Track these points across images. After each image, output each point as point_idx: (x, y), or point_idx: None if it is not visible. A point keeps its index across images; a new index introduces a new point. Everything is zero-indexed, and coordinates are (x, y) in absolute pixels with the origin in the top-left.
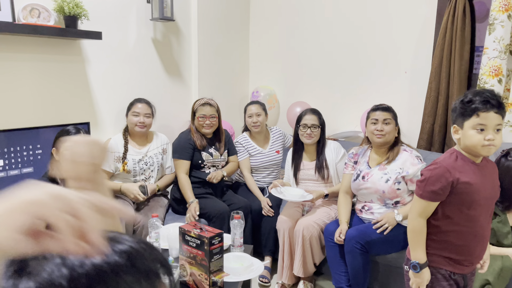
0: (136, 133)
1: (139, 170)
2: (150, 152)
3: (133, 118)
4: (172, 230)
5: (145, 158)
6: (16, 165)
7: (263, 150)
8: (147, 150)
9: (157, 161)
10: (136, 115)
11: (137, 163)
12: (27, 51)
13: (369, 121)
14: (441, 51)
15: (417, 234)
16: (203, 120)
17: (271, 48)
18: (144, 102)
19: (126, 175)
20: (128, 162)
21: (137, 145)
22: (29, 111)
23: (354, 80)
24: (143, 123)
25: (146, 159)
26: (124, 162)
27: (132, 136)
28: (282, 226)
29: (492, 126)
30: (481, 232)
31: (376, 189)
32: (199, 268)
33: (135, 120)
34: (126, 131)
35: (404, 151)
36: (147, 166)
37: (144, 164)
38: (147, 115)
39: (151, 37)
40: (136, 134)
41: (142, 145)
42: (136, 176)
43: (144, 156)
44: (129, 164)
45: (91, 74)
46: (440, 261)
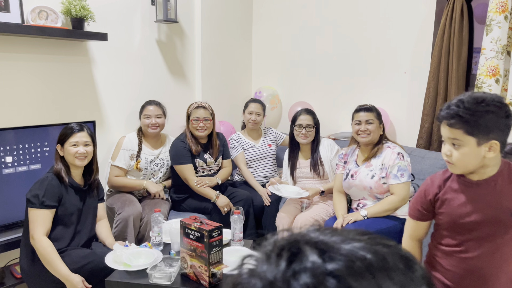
0: (150, 134)
1: (150, 170)
2: (162, 155)
3: (145, 120)
4: (174, 225)
5: (156, 160)
6: (24, 162)
7: (255, 144)
8: (160, 152)
9: (167, 163)
10: (148, 117)
11: (149, 163)
12: (36, 52)
13: (353, 121)
14: (439, 52)
15: None
16: (196, 123)
17: (273, 49)
18: (155, 104)
19: (137, 173)
20: (141, 161)
21: (150, 146)
22: (37, 110)
23: (355, 80)
24: (155, 124)
25: (158, 161)
26: (138, 160)
27: (146, 137)
28: (281, 222)
29: (445, 138)
30: (479, 266)
31: (364, 186)
32: (199, 260)
33: (147, 122)
34: (140, 131)
35: (388, 148)
36: (157, 167)
37: (155, 165)
38: (159, 115)
39: (155, 38)
40: (150, 135)
41: (155, 147)
42: (146, 175)
43: (156, 157)
44: (142, 163)
45: (97, 75)
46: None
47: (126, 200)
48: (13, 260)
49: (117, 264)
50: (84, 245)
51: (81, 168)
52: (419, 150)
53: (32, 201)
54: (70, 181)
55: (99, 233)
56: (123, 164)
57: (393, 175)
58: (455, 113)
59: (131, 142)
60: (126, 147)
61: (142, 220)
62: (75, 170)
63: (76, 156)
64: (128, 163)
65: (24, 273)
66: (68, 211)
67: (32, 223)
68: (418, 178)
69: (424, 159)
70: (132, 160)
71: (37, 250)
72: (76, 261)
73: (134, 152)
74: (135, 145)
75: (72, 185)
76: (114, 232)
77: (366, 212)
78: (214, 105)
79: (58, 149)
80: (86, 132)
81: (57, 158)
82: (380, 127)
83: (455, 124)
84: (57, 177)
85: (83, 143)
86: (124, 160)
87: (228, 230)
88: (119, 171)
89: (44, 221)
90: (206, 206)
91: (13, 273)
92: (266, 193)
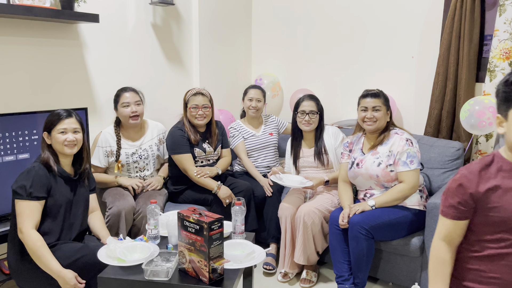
0: (130, 125)
1: (132, 163)
2: (144, 145)
3: (124, 110)
4: (171, 217)
5: (139, 151)
6: (11, 151)
7: (256, 133)
8: (141, 143)
9: (152, 154)
10: (126, 105)
11: (130, 156)
12: (23, 34)
13: (359, 108)
14: (449, 34)
15: (435, 262)
16: (195, 110)
17: (274, 34)
18: (131, 90)
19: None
20: (121, 156)
21: (130, 139)
22: (25, 96)
23: (359, 66)
24: (135, 113)
25: (140, 152)
26: (118, 160)
27: (125, 129)
28: (283, 213)
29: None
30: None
31: (370, 175)
32: (199, 254)
33: (127, 112)
34: (118, 125)
35: (395, 134)
36: (141, 159)
37: (138, 158)
38: (137, 102)
39: (150, 21)
40: (130, 126)
41: (136, 138)
42: (130, 169)
43: (138, 149)
44: (122, 158)
45: (89, 59)
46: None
47: (117, 194)
48: (0, 256)
49: (111, 259)
50: (76, 239)
51: (71, 157)
52: (427, 138)
53: (19, 192)
54: (59, 171)
55: (92, 226)
56: (97, 162)
57: (402, 162)
58: None
59: (107, 138)
60: (101, 144)
61: (137, 213)
62: (64, 159)
63: (65, 144)
64: (105, 160)
65: (12, 270)
66: (58, 203)
67: (20, 216)
68: (427, 167)
69: (432, 147)
70: (111, 157)
71: (26, 245)
72: (68, 255)
73: (112, 149)
74: (112, 141)
75: (62, 175)
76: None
77: (374, 202)
78: (212, 93)
79: (45, 137)
80: (75, 118)
81: (44, 147)
82: (387, 114)
83: None
84: (45, 166)
85: (71, 130)
86: (99, 159)
87: (229, 222)
88: (95, 170)
89: (32, 213)
90: (206, 197)
91: (1, 268)
92: (267, 184)
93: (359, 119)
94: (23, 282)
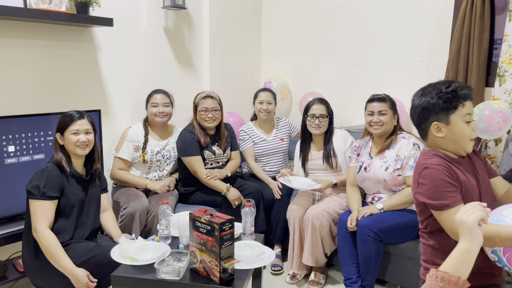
0: (157, 123)
1: (156, 161)
2: (168, 146)
3: (152, 109)
4: (182, 217)
5: (163, 151)
6: (27, 151)
7: (267, 137)
8: (166, 144)
9: (174, 155)
10: (155, 105)
11: (155, 154)
12: (39, 37)
13: (366, 112)
14: (459, 39)
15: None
16: (205, 113)
17: (284, 38)
18: (162, 92)
19: (142, 165)
20: (147, 153)
21: (157, 137)
22: (41, 98)
23: (369, 70)
24: (162, 113)
25: (164, 152)
26: (144, 152)
27: (153, 128)
28: (292, 215)
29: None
30: None
31: (378, 179)
32: (210, 254)
33: (155, 111)
34: (147, 122)
35: (403, 138)
36: (163, 159)
37: (161, 157)
38: (166, 104)
39: (162, 25)
40: (157, 125)
41: (162, 138)
42: (151, 167)
43: (162, 149)
44: (147, 155)
45: (102, 62)
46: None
47: (131, 195)
48: (15, 254)
49: (123, 258)
50: (88, 238)
51: (83, 158)
52: None
53: (33, 192)
54: (72, 171)
55: (104, 225)
56: (126, 156)
57: (410, 166)
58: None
59: (136, 133)
60: (130, 138)
61: (149, 213)
62: (76, 160)
63: (78, 145)
64: (133, 155)
65: (27, 268)
66: (71, 202)
67: (34, 215)
68: None
69: None
70: (137, 152)
71: (40, 244)
72: (81, 254)
73: (139, 144)
74: (141, 136)
75: (74, 175)
76: (120, 227)
77: (382, 205)
78: (222, 95)
79: (57, 137)
80: (87, 119)
81: (57, 148)
82: (394, 118)
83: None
84: (58, 167)
85: (84, 131)
86: (128, 152)
87: (239, 223)
88: (122, 164)
89: (46, 213)
90: (215, 199)
91: (16, 266)
92: (277, 186)
93: (366, 123)
94: (37, 279)
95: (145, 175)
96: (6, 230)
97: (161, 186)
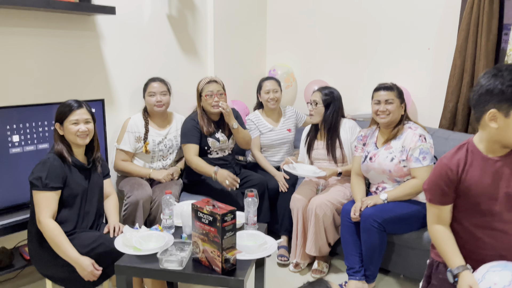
0: (156, 113)
1: (158, 151)
2: (170, 135)
3: (150, 98)
4: (186, 207)
5: (164, 141)
6: (32, 141)
7: (274, 128)
8: (167, 133)
9: (176, 144)
10: (152, 95)
11: (157, 144)
12: (41, 26)
13: (373, 101)
14: (467, 26)
15: (440, 242)
16: (210, 98)
17: (289, 24)
18: (159, 81)
19: (145, 156)
20: (149, 143)
21: (157, 127)
22: (44, 87)
23: (375, 57)
24: (160, 102)
25: (166, 142)
26: (146, 142)
27: (152, 117)
28: (295, 205)
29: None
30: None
31: (383, 169)
32: (212, 245)
33: (153, 100)
34: (146, 112)
35: (409, 129)
36: (166, 148)
37: (164, 146)
38: (163, 92)
39: (166, 13)
40: (156, 114)
41: (162, 127)
42: (154, 157)
43: (164, 138)
44: (149, 145)
45: (106, 51)
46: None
47: (135, 184)
48: (21, 242)
49: (127, 247)
50: (92, 226)
51: (83, 147)
52: (442, 131)
53: (35, 183)
54: (73, 161)
55: (105, 210)
56: (128, 147)
57: (415, 158)
58: None
59: (136, 124)
60: (131, 129)
61: (153, 202)
62: (77, 149)
63: (78, 135)
64: (134, 146)
65: (33, 258)
66: (74, 192)
67: (37, 206)
68: None
69: (448, 140)
70: (139, 143)
71: (44, 234)
72: (85, 244)
73: (140, 134)
74: (141, 126)
75: (76, 164)
76: (123, 215)
77: (386, 195)
78: (227, 84)
79: (57, 128)
80: (85, 108)
81: (57, 138)
82: (401, 107)
83: None
84: (59, 157)
85: (83, 121)
86: (130, 143)
87: (242, 213)
88: (125, 155)
89: (49, 203)
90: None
91: (23, 254)
92: (283, 178)
93: (372, 112)
94: (43, 269)
95: (149, 164)
96: (12, 219)
97: (164, 175)
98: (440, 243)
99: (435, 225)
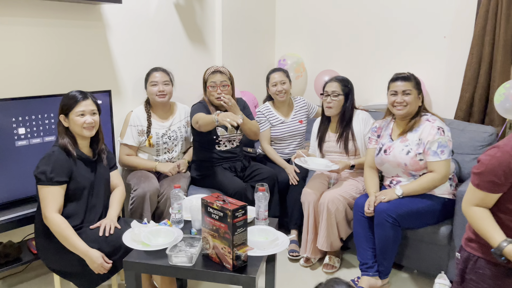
0: (158, 103)
1: (162, 144)
2: (173, 126)
3: (152, 88)
4: (195, 201)
5: (168, 132)
6: (38, 133)
7: (285, 120)
8: (171, 124)
9: (180, 135)
10: (154, 84)
11: (161, 137)
12: (46, 15)
13: (389, 92)
14: (485, 13)
15: (481, 222)
16: (214, 89)
17: (298, 13)
18: (161, 70)
19: (150, 149)
20: (152, 138)
21: (160, 118)
22: (49, 78)
23: (388, 46)
24: (163, 92)
25: (170, 133)
26: (149, 136)
27: (155, 109)
28: (306, 198)
29: None
30: None
31: (398, 163)
32: (222, 241)
33: (155, 90)
34: (148, 104)
35: (427, 121)
36: (170, 140)
37: (168, 139)
38: (166, 82)
39: (173, 1)
40: (158, 105)
41: (165, 118)
42: (159, 150)
43: (167, 130)
44: (153, 138)
45: (112, 41)
46: None
47: (142, 176)
48: (29, 235)
49: (135, 243)
50: (100, 219)
51: (88, 139)
52: (457, 122)
53: (40, 178)
54: (78, 153)
55: (110, 201)
56: (131, 141)
57: (433, 152)
58: None
59: (139, 117)
60: (133, 123)
61: (161, 196)
62: (82, 141)
63: (84, 127)
64: (138, 139)
65: (41, 252)
66: (80, 185)
67: (43, 201)
68: (457, 153)
69: (463, 132)
70: (142, 136)
71: (51, 229)
72: (93, 239)
73: (143, 128)
74: (143, 120)
75: (81, 157)
76: (131, 209)
77: (401, 191)
78: (235, 74)
79: (61, 119)
80: (91, 99)
81: (61, 130)
82: (418, 98)
83: None
84: (64, 150)
85: (90, 112)
86: (133, 137)
87: (252, 207)
88: (129, 150)
89: (55, 198)
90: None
91: (30, 248)
92: (293, 171)
93: (388, 104)
94: (52, 263)
95: (155, 157)
96: (19, 212)
97: (171, 168)
98: (481, 223)
99: (473, 207)
